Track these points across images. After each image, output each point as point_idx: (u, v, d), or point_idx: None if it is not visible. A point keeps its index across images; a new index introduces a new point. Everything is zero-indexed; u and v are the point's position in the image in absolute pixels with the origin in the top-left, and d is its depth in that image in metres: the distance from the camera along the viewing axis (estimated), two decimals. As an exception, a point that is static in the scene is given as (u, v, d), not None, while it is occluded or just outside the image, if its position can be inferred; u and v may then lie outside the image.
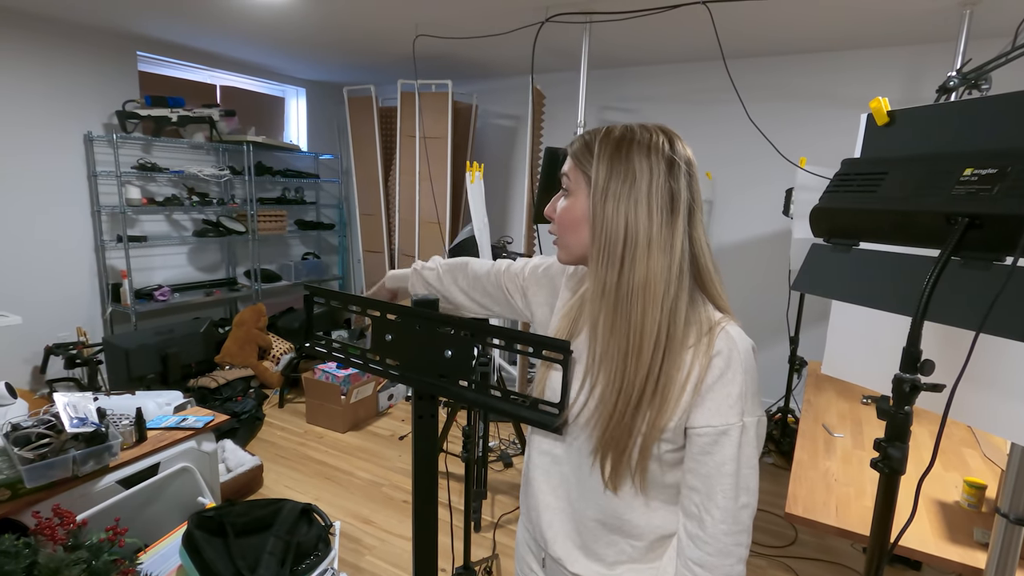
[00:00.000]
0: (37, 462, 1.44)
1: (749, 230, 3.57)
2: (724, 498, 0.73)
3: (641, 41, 3.21)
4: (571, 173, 0.82)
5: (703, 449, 0.74)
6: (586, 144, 0.80)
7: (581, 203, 0.79)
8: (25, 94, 3.14)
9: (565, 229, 0.82)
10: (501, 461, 2.98)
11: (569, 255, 0.84)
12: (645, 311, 0.73)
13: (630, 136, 0.78)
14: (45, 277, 3.34)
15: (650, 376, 0.73)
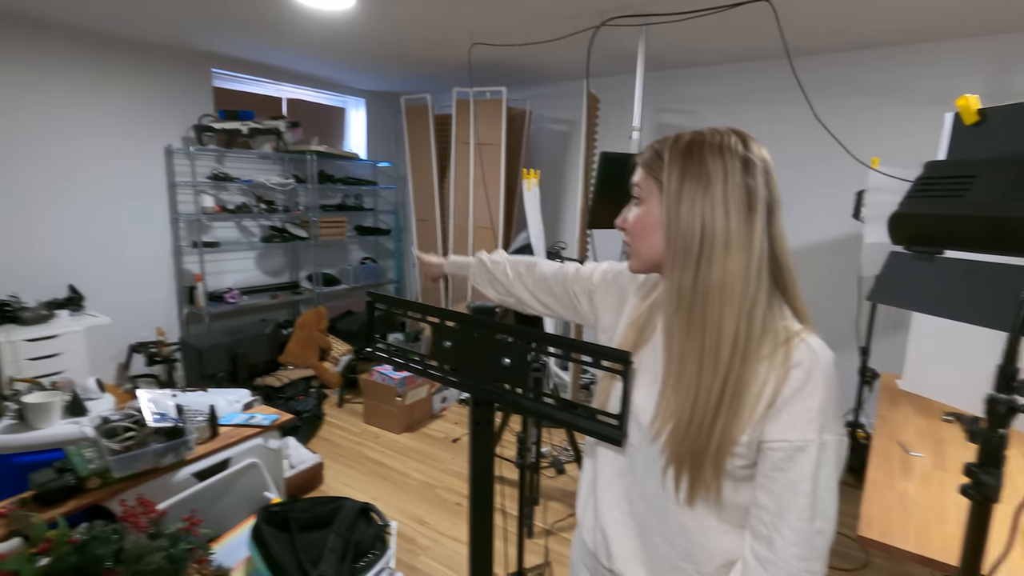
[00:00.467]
0: (123, 454, 1.55)
1: (814, 234, 3.41)
2: (798, 520, 0.69)
3: (699, 41, 3.14)
4: (642, 182, 0.81)
5: (776, 465, 0.71)
6: (656, 152, 0.80)
7: (654, 210, 0.79)
8: (113, 110, 3.40)
9: (638, 237, 0.82)
10: (553, 468, 2.97)
11: (642, 262, 0.84)
12: (723, 311, 0.72)
13: (700, 139, 0.77)
14: (130, 281, 3.59)
15: (728, 381, 0.71)
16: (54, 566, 1.09)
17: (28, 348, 2.75)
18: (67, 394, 2.22)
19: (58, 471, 1.54)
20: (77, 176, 3.29)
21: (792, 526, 0.70)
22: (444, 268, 1.24)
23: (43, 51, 3.08)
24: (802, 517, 0.69)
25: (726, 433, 0.72)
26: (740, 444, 0.72)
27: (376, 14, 2.76)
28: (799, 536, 0.69)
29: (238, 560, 1.62)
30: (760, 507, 0.73)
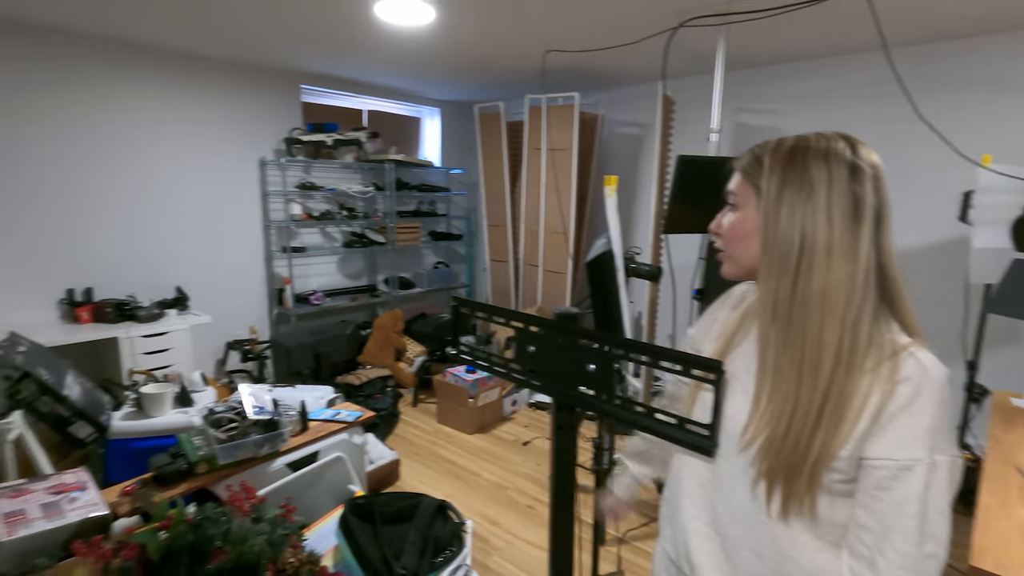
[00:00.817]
0: (228, 443, 1.69)
1: (914, 237, 3.17)
2: (904, 542, 0.66)
3: (783, 37, 3.00)
4: (739, 188, 0.81)
5: (880, 484, 0.67)
6: (756, 157, 0.78)
7: (750, 216, 0.78)
8: (214, 128, 3.71)
9: (732, 242, 0.82)
10: (625, 475, 2.93)
11: (737, 267, 0.83)
12: (824, 322, 0.70)
13: (804, 144, 0.75)
14: (227, 283, 3.90)
15: (829, 394, 0.69)
16: (173, 542, 1.21)
17: (143, 343, 3.04)
18: (176, 386, 2.44)
19: (172, 456, 1.70)
20: (183, 189, 3.62)
21: (898, 548, 0.66)
22: (620, 498, 1.22)
23: (150, 74, 3.40)
24: (909, 540, 0.66)
25: (825, 447, 0.69)
26: (839, 459, 0.69)
27: (455, 26, 2.85)
28: (906, 559, 0.66)
29: (326, 548, 1.72)
30: (860, 526, 0.70)
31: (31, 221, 3.04)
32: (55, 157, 3.09)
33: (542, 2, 2.47)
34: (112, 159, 3.30)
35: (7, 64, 2.88)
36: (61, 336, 2.81)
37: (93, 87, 3.17)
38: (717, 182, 2.41)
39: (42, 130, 3.03)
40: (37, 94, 2.99)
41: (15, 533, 1.37)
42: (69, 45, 3.06)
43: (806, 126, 3.51)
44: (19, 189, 2.99)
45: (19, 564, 1.32)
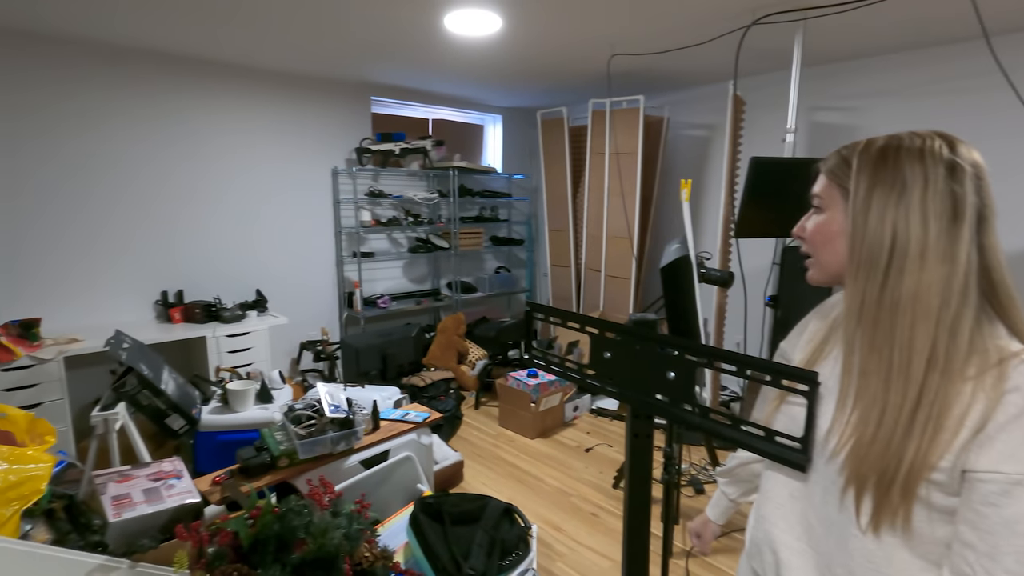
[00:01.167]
0: (307, 439, 1.78)
1: (1016, 243, 2.91)
2: (1016, 563, 0.61)
3: (865, 31, 2.84)
4: (824, 190, 0.79)
5: (987, 499, 0.63)
6: (843, 159, 0.76)
7: (837, 218, 0.76)
8: (291, 139, 3.92)
9: (818, 246, 0.80)
10: (692, 487, 2.84)
11: (823, 272, 0.81)
12: (915, 326, 0.66)
13: (896, 143, 0.71)
14: (302, 286, 4.10)
15: (922, 400, 0.65)
16: (261, 531, 1.28)
17: (227, 342, 3.24)
18: (258, 383, 2.59)
19: (257, 449, 1.80)
20: (263, 198, 3.84)
21: (1009, 569, 0.61)
22: (710, 521, 1.20)
23: (233, 90, 3.64)
24: (1021, 561, 0.61)
25: (921, 456, 0.65)
26: (939, 470, 0.65)
27: (521, 34, 2.88)
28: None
29: (397, 545, 1.77)
30: (964, 544, 0.65)
31: (132, 230, 3.32)
32: (149, 170, 3.36)
33: (609, 7, 2.46)
34: (198, 170, 3.55)
35: (102, 82, 3.17)
36: (156, 334, 3.05)
37: (181, 103, 3.43)
38: (793, 184, 2.32)
39: (133, 146, 3.30)
40: (131, 110, 3.27)
41: (122, 515, 1.50)
42: (159, 63, 3.32)
43: (888, 123, 3.30)
44: (117, 201, 3.27)
45: (124, 543, 1.44)
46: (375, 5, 2.45)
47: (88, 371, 3.14)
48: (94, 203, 3.18)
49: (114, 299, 3.30)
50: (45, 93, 2.96)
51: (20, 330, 2.75)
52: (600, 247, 4.20)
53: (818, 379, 0.74)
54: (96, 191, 3.18)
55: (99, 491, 1.57)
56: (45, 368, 2.67)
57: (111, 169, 3.21)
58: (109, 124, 3.18)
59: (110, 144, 3.19)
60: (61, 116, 3.02)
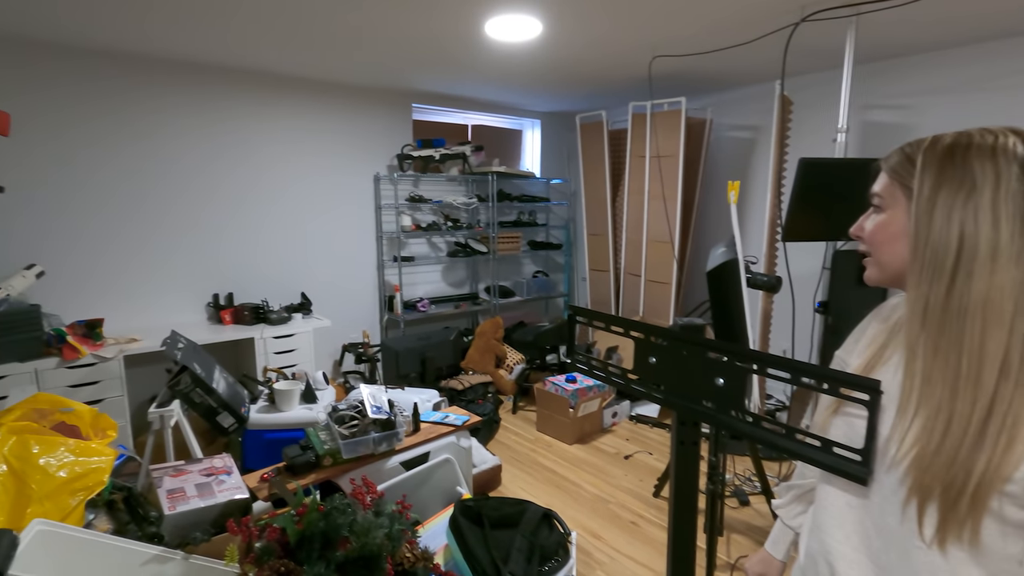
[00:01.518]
0: (350, 439, 1.81)
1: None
2: None
3: (920, 25, 2.72)
4: (885, 189, 0.76)
5: None
6: (906, 156, 0.73)
7: (898, 218, 0.74)
8: (335, 146, 4.03)
9: (879, 246, 0.77)
10: (736, 498, 2.76)
11: (883, 272, 0.78)
12: (985, 331, 0.63)
13: (966, 141, 0.68)
14: (344, 290, 4.20)
15: (994, 410, 0.62)
16: (307, 528, 1.31)
17: (274, 344, 3.35)
18: (303, 383, 2.66)
19: (302, 448, 1.85)
20: (307, 204, 3.95)
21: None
22: (777, 560, 1.13)
23: (276, 99, 3.76)
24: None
25: (993, 468, 0.62)
26: (1013, 482, 0.61)
27: (561, 39, 2.88)
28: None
29: (437, 547, 1.78)
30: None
31: (185, 236, 3.47)
32: (201, 178, 3.51)
33: (650, 8, 2.43)
34: (247, 178, 3.69)
35: (155, 93, 3.33)
36: (208, 335, 3.17)
37: (232, 113, 3.57)
38: (844, 186, 2.26)
39: (189, 158, 3.46)
40: (185, 120, 3.43)
41: (176, 508, 1.56)
42: (211, 76, 3.47)
43: (945, 121, 3.15)
44: (173, 209, 3.42)
45: (178, 535, 1.50)
46: (418, 15, 2.50)
47: (146, 369, 3.29)
48: (150, 210, 3.34)
49: (169, 301, 3.45)
50: (104, 105, 3.13)
51: (85, 330, 2.91)
52: (640, 251, 4.14)
53: (880, 387, 0.71)
54: (151, 198, 3.34)
55: (155, 484, 1.64)
56: (107, 366, 2.81)
57: (165, 177, 3.37)
58: (163, 134, 3.34)
59: (165, 153, 3.35)
60: (120, 127, 3.19)
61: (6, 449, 1.38)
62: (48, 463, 1.43)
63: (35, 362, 2.64)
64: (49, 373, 2.67)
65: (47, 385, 2.66)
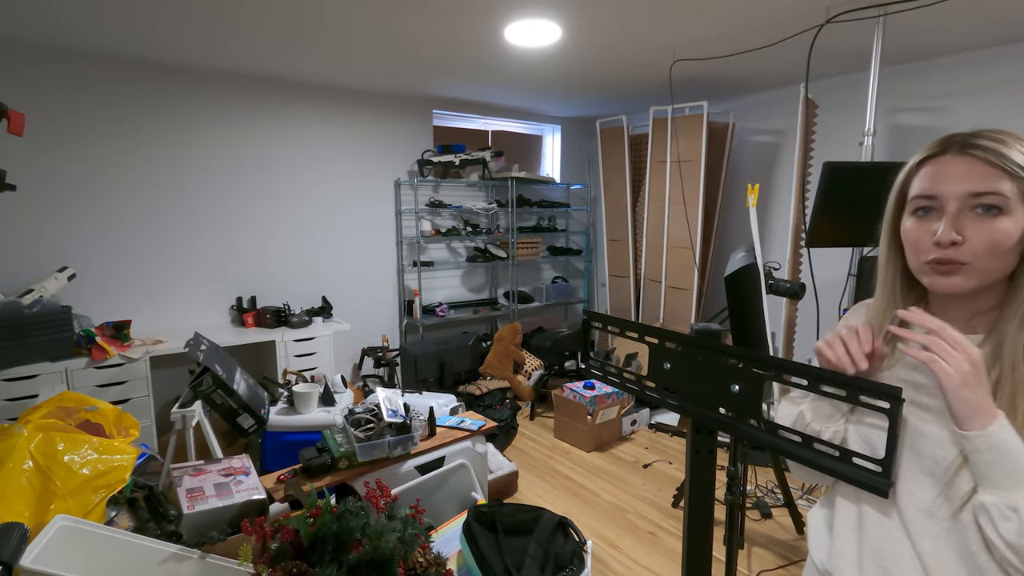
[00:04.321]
0: (366, 442, 1.82)
1: None
2: None
3: (948, 26, 2.64)
4: (1005, 185, 0.70)
5: None
6: (1014, 149, 0.70)
7: (1020, 222, 0.70)
8: (356, 152, 4.08)
9: (993, 253, 0.70)
10: (758, 510, 2.69)
11: (983, 281, 0.73)
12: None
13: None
14: (364, 294, 4.23)
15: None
16: (320, 530, 1.31)
17: (294, 347, 3.39)
18: (321, 386, 2.68)
19: (319, 450, 1.86)
20: (329, 209, 4.01)
21: None
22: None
23: (299, 105, 3.83)
24: None
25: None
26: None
27: (581, 43, 2.87)
28: None
29: (450, 552, 1.77)
30: None
31: (213, 241, 3.55)
32: (226, 183, 3.58)
33: (672, 11, 2.41)
34: (271, 183, 3.75)
35: (175, 100, 3.41)
36: (231, 337, 3.23)
37: (255, 120, 3.64)
38: (871, 190, 2.18)
39: (214, 164, 3.53)
40: (209, 127, 3.50)
41: (195, 507, 1.58)
42: (236, 83, 3.55)
43: (975, 123, 3.04)
44: (199, 214, 3.50)
45: (196, 534, 1.52)
46: (439, 22, 2.52)
47: (171, 370, 3.36)
48: (176, 214, 3.42)
49: (194, 303, 3.53)
50: (132, 112, 3.23)
51: (113, 331, 2.99)
52: (660, 257, 4.09)
53: (902, 396, 0.68)
54: (177, 203, 3.42)
55: (175, 483, 1.67)
56: (133, 366, 2.88)
57: (190, 182, 3.45)
58: (189, 140, 3.42)
59: (191, 159, 3.43)
60: (147, 133, 3.28)
61: (32, 446, 1.41)
62: (72, 460, 1.47)
63: (65, 362, 2.72)
64: (78, 373, 2.74)
65: (76, 384, 2.73)
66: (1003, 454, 0.64)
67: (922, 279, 0.77)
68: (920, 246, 0.75)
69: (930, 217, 0.74)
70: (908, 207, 0.78)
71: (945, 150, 0.74)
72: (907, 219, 0.78)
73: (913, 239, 0.76)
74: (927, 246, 0.74)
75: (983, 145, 0.70)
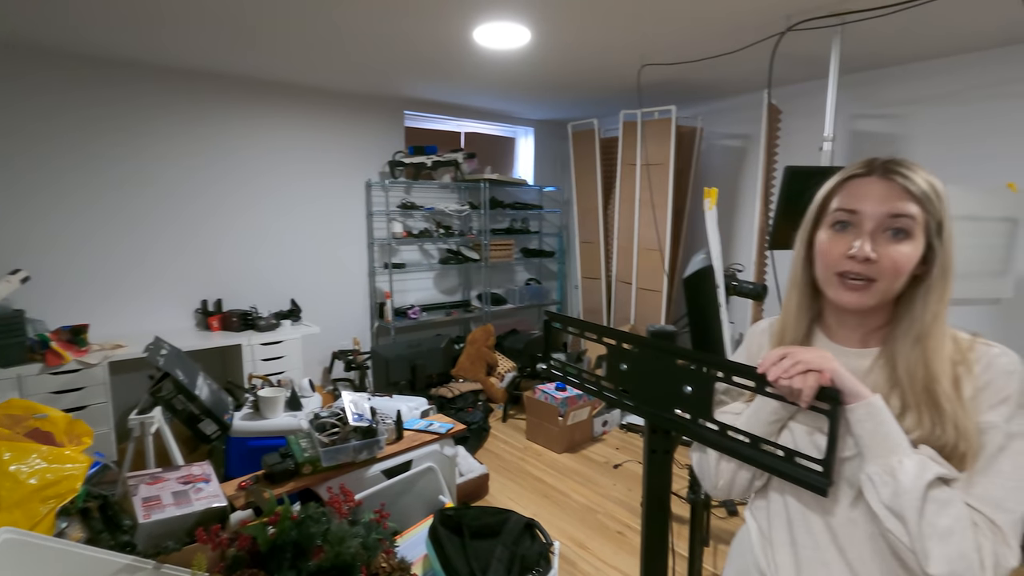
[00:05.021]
0: (330, 446, 1.79)
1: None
2: None
3: (905, 36, 2.74)
4: (915, 211, 0.74)
5: None
6: (923, 180, 0.76)
7: (920, 247, 0.75)
8: (326, 153, 4.03)
9: (896, 275, 0.75)
10: (724, 508, 2.74)
11: (880, 298, 0.77)
12: (944, 340, 0.75)
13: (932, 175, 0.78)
14: (335, 296, 4.18)
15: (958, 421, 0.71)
16: (279, 536, 1.29)
17: (261, 351, 3.33)
18: (288, 391, 2.64)
19: (282, 456, 1.83)
20: (299, 211, 3.95)
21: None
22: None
23: (267, 105, 3.76)
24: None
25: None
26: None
27: (550, 46, 2.89)
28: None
29: (415, 556, 1.76)
30: None
31: (175, 242, 3.46)
32: (191, 183, 3.50)
33: (637, 16, 2.44)
34: (238, 183, 3.68)
35: (133, 97, 3.33)
36: (195, 341, 3.15)
37: (220, 119, 3.57)
38: (831, 194, 2.20)
39: (179, 164, 3.45)
40: (172, 125, 3.42)
41: (151, 516, 1.53)
42: (198, 81, 3.47)
43: (932, 130, 3.17)
44: (164, 215, 3.41)
45: (152, 544, 1.48)
46: (407, 21, 2.51)
47: (132, 376, 3.26)
48: (138, 215, 3.33)
49: (157, 307, 3.43)
50: (87, 110, 3.13)
51: (70, 335, 2.89)
52: (631, 259, 4.14)
53: (842, 399, 0.70)
54: (139, 203, 3.33)
55: (131, 492, 1.62)
56: (91, 372, 2.79)
57: (152, 181, 3.36)
58: (151, 138, 3.33)
59: (152, 157, 3.35)
60: (105, 131, 3.19)
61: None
62: (19, 470, 1.41)
63: (18, 368, 2.62)
64: (32, 379, 2.64)
65: (30, 391, 2.63)
66: (882, 423, 0.69)
67: (827, 290, 0.80)
68: (831, 257, 0.78)
69: (846, 232, 0.78)
70: (826, 220, 0.81)
71: (870, 172, 0.77)
72: (823, 231, 0.81)
73: (826, 250, 0.79)
74: (838, 258, 0.77)
75: (903, 172, 0.75)
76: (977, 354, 0.73)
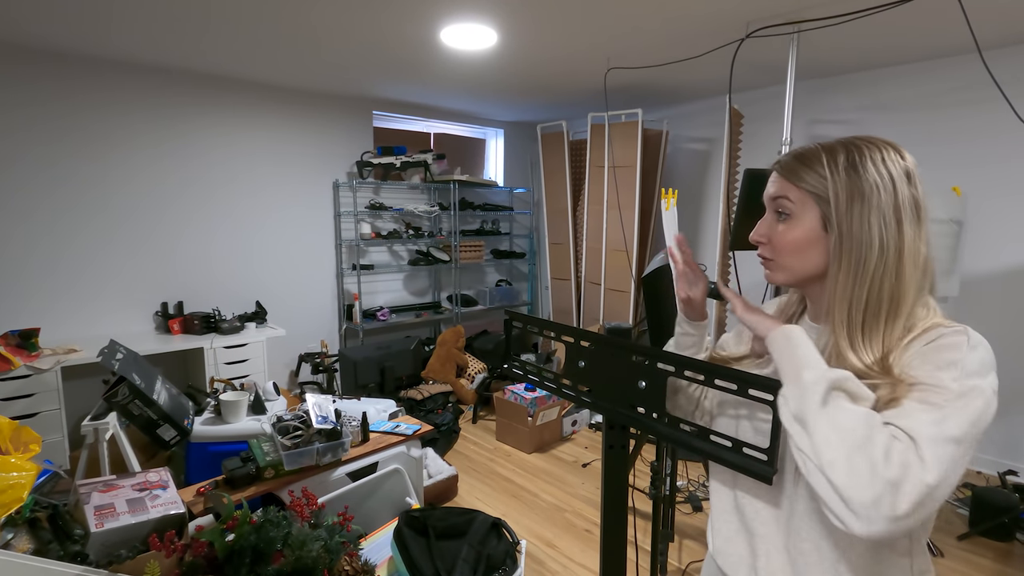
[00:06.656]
0: (293, 450, 1.76)
1: (1012, 257, 2.87)
2: None
3: (860, 44, 2.85)
4: (792, 193, 0.79)
5: None
6: (805, 163, 0.79)
7: (807, 224, 0.78)
8: (292, 153, 3.96)
9: (786, 252, 0.81)
10: (689, 503, 2.79)
11: (791, 276, 0.82)
12: (895, 324, 0.72)
13: (858, 150, 0.78)
14: (302, 298, 4.11)
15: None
16: (237, 542, 1.26)
17: (225, 354, 3.25)
18: (251, 394, 2.58)
19: (243, 460, 1.79)
20: (264, 211, 3.87)
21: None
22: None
23: (230, 102, 3.69)
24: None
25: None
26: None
27: (516, 48, 2.91)
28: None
29: (381, 559, 1.74)
30: None
31: (132, 242, 3.35)
32: (150, 183, 3.40)
33: (602, 20, 2.48)
34: (199, 183, 3.59)
35: (100, 98, 3.23)
36: (155, 345, 3.06)
37: (182, 117, 3.48)
38: (786, 195, 2.27)
39: (134, 160, 3.35)
40: (131, 124, 3.32)
41: (104, 525, 1.48)
42: (160, 79, 3.38)
43: (886, 135, 3.29)
44: (119, 214, 3.30)
45: (105, 554, 1.43)
46: (374, 21, 2.49)
47: (86, 381, 3.15)
48: (96, 214, 3.21)
49: (115, 310, 3.32)
50: (44, 110, 3.02)
51: (19, 340, 2.77)
52: (600, 260, 4.19)
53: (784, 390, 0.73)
54: (96, 202, 3.22)
55: (83, 501, 1.56)
56: (42, 378, 2.68)
57: (109, 179, 3.25)
58: (107, 135, 3.22)
59: (108, 154, 3.24)
60: (62, 132, 3.07)
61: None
62: (-40, 480, 1.35)
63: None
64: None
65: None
66: (797, 346, 0.70)
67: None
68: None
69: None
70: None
71: (774, 167, 0.85)
72: None
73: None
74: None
75: (782, 162, 0.82)
76: (934, 332, 0.70)
